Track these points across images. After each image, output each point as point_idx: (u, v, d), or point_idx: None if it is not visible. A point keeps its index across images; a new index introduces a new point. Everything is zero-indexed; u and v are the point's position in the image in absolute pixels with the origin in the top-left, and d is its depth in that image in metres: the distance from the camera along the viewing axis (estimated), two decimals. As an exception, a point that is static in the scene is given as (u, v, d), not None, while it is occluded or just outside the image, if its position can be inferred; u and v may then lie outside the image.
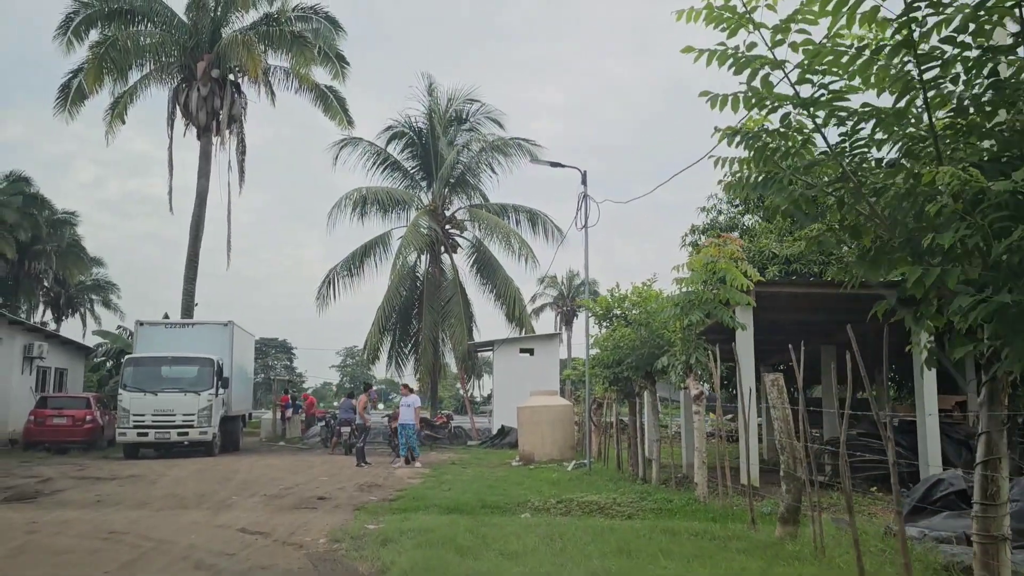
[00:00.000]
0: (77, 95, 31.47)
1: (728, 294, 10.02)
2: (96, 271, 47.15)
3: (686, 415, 15.78)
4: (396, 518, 9.03)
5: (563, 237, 30.89)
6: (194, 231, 30.95)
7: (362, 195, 31.00)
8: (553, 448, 18.99)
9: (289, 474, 15.81)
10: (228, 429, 23.62)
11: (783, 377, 7.72)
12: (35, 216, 38.34)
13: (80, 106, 31.74)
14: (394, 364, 32.80)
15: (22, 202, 37.40)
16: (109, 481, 14.07)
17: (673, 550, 6.90)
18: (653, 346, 12.26)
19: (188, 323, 24.86)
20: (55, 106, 31.52)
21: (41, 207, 39.65)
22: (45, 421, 23.02)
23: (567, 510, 9.62)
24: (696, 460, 10.42)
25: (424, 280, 31.99)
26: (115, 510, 10.37)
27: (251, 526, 8.97)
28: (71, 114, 31.68)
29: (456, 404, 54.70)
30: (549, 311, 70.52)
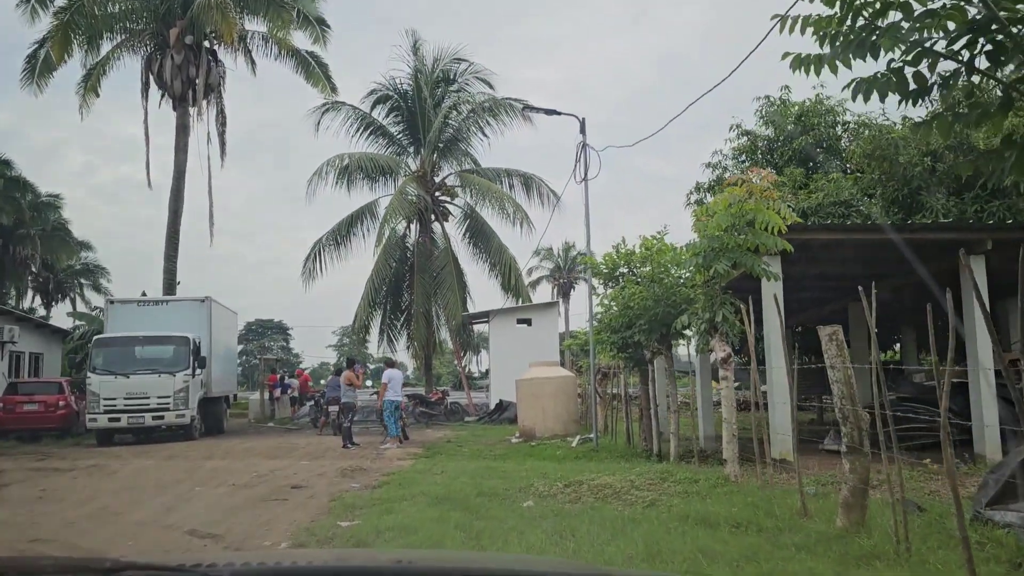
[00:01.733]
0: (44, 66, 29.81)
1: (759, 239, 8.55)
2: (85, 255, 45.87)
3: (702, 382, 14.39)
4: (376, 512, 7.62)
5: (558, 199, 29.41)
6: (173, 207, 29.39)
7: (345, 162, 29.33)
8: (556, 423, 17.61)
9: (267, 459, 14.41)
10: (210, 411, 22.20)
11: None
12: (18, 200, 36.93)
13: (48, 78, 30.09)
14: (386, 339, 31.35)
15: (3, 185, 35.96)
16: (66, 473, 12.66)
17: (715, 549, 5.49)
18: (669, 304, 10.82)
19: (162, 300, 23.28)
20: (22, 79, 29.86)
21: (24, 190, 38.17)
22: (15, 408, 21.64)
23: (577, 496, 8.21)
24: (725, 433, 9.01)
25: (414, 250, 30.43)
26: (54, 509, 8.95)
27: (204, 527, 7.56)
28: (39, 86, 30.01)
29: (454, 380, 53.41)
30: (546, 284, 68.97)
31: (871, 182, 18.14)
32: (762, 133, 22.14)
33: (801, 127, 21.26)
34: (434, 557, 1.81)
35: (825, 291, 15.33)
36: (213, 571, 1.11)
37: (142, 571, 1.10)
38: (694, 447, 12.65)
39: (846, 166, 20.54)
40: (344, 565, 1.30)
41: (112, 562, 1.11)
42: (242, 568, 1.18)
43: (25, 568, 1.16)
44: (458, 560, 1.76)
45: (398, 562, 1.36)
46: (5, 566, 1.13)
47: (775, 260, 10.05)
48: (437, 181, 30.92)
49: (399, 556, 1.47)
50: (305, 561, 1.36)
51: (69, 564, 1.16)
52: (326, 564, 1.30)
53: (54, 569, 1.12)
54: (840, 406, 6.03)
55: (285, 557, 1.55)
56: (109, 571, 1.10)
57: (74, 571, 1.12)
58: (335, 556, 1.70)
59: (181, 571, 1.12)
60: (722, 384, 9.18)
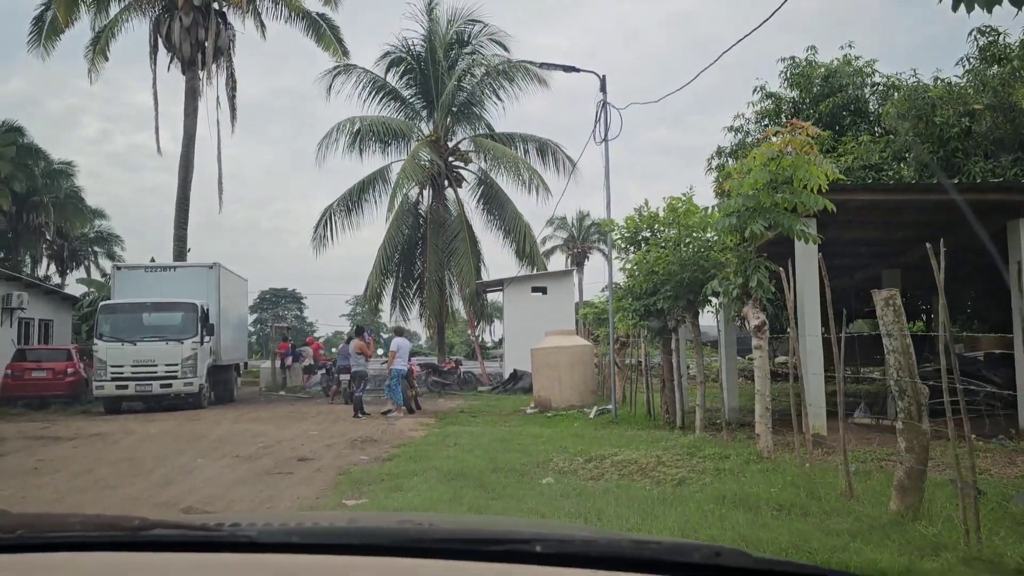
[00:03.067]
0: (52, 29, 29.35)
1: (799, 197, 7.88)
2: (99, 223, 45.62)
3: (727, 352, 13.77)
4: (384, 489, 7.11)
5: (574, 166, 28.63)
6: (183, 173, 28.93)
7: (356, 127, 28.64)
8: (572, 393, 17.09)
9: (275, 428, 13.98)
10: (220, 379, 21.86)
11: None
12: (31, 167, 36.59)
13: (55, 40, 29.65)
14: (398, 308, 30.86)
15: (16, 153, 35.58)
16: (67, 442, 12.27)
17: (759, 537, 4.93)
18: (697, 269, 10.19)
19: (170, 266, 22.81)
20: (29, 41, 29.37)
21: (36, 158, 37.83)
22: (23, 375, 21.36)
23: (600, 472, 7.66)
24: (758, 406, 8.42)
25: (427, 217, 29.82)
26: (47, 481, 8.52)
27: (201, 502, 7.08)
28: (46, 49, 29.54)
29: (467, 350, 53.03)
30: (560, 254, 68.18)
31: (903, 144, 17.36)
32: (787, 95, 21.30)
33: (828, 88, 20.41)
34: (462, 521, 1.87)
35: (857, 257, 14.63)
36: (239, 531, 1.11)
37: (169, 530, 1.11)
38: (719, 419, 12.11)
39: (875, 129, 19.74)
40: (363, 527, 1.28)
41: (140, 521, 1.13)
42: (267, 528, 1.17)
43: (54, 525, 1.18)
44: (483, 524, 1.78)
45: (420, 524, 1.35)
46: (34, 522, 1.21)
47: (811, 222, 9.39)
48: (451, 146, 30.22)
49: (425, 519, 1.52)
50: (328, 522, 1.40)
51: (98, 522, 1.16)
52: (349, 526, 1.30)
53: (83, 526, 1.11)
54: (897, 378, 5.42)
55: (310, 518, 1.61)
56: (137, 529, 1.09)
57: (102, 529, 1.11)
58: (358, 518, 1.73)
59: (207, 531, 1.12)
60: (755, 354, 8.57)
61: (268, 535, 1.09)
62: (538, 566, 0.98)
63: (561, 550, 1.05)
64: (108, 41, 29.49)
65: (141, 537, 1.07)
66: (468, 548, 1.03)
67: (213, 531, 1.11)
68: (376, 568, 0.95)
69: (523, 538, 1.10)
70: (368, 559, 0.98)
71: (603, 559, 1.02)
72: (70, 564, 0.98)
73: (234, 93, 31.09)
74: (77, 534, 1.09)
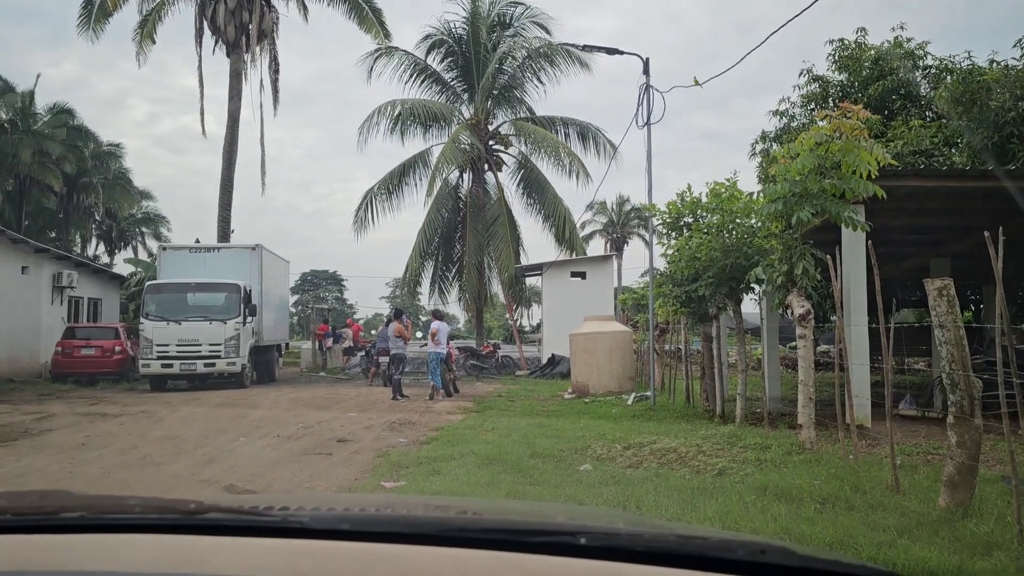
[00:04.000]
0: (100, 12, 29.88)
1: (848, 183, 7.68)
2: (146, 204, 46.61)
3: (769, 341, 13.56)
4: (422, 473, 7.12)
5: (615, 151, 28.34)
6: (227, 155, 29.33)
7: (397, 110, 28.67)
8: (610, 379, 17.00)
9: (315, 409, 14.14)
10: (262, 359, 22.19)
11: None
12: (80, 149, 37.46)
13: (104, 23, 30.18)
14: (437, 291, 30.97)
15: (67, 134, 36.42)
16: (114, 418, 12.54)
17: (802, 531, 4.83)
18: (740, 256, 10.01)
19: (213, 247, 23.13)
20: (79, 24, 29.93)
21: (86, 139, 38.71)
22: (73, 352, 21.91)
23: (638, 460, 7.59)
24: (801, 396, 8.27)
25: (467, 200, 29.80)
26: (94, 456, 8.71)
27: (243, 481, 7.18)
28: (95, 32, 30.08)
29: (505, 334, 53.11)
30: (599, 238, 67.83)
31: (956, 129, 16.87)
32: (834, 79, 20.81)
33: (878, 72, 19.89)
34: (507, 510, 1.86)
35: (904, 245, 14.28)
36: (291, 516, 1.11)
37: (223, 514, 1.12)
38: (758, 409, 11.95)
39: (926, 113, 19.21)
40: (411, 516, 1.29)
41: (196, 504, 1.14)
42: (319, 514, 1.18)
43: (114, 507, 1.18)
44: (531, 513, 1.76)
45: (464, 513, 1.34)
46: (95, 503, 1.20)
47: (860, 208, 9.17)
48: (491, 129, 30.12)
49: (470, 507, 1.54)
50: (375, 508, 1.41)
51: (155, 504, 1.17)
52: (398, 514, 1.29)
53: (141, 509, 1.13)
54: (949, 371, 5.26)
55: (358, 503, 1.52)
56: (193, 513, 1.10)
57: (159, 511, 1.13)
58: (405, 505, 1.72)
59: (260, 515, 1.12)
60: (799, 343, 8.40)
61: (320, 521, 1.11)
62: (583, 559, 0.98)
63: (606, 543, 1.04)
64: (155, 24, 29.91)
65: (196, 520, 1.09)
66: (514, 539, 1.03)
67: (265, 516, 1.12)
68: (424, 556, 0.96)
69: (568, 530, 1.10)
70: (416, 548, 0.98)
71: (648, 553, 1.00)
72: (129, 545, 1.00)
73: (277, 76, 31.39)
74: (136, 516, 1.12)
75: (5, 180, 35.12)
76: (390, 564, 0.91)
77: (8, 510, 1.14)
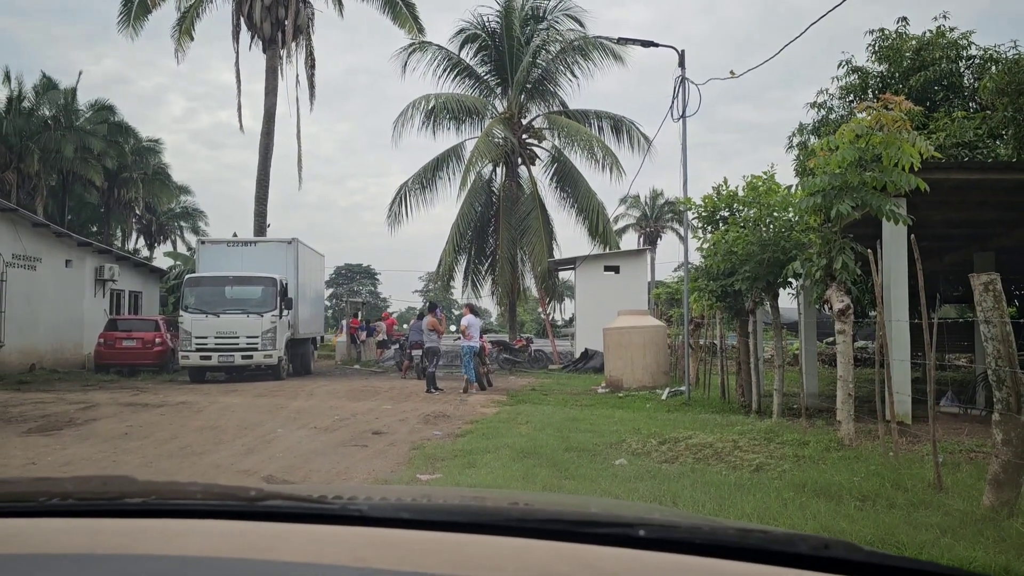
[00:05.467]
0: (140, 9, 30.35)
1: (890, 176, 7.55)
2: (184, 199, 47.39)
3: (807, 336, 13.40)
4: (457, 466, 7.16)
5: (650, 144, 28.16)
6: (263, 150, 29.69)
7: (431, 104, 28.75)
8: (644, 374, 16.93)
9: (351, 401, 14.28)
10: (298, 352, 22.46)
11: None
12: (121, 144, 38.19)
13: (144, 20, 30.67)
14: (470, 285, 31.08)
15: (107, 131, 37.13)
16: (155, 409, 12.78)
17: (842, 528, 4.77)
18: (778, 250, 9.89)
19: (251, 241, 23.46)
20: (119, 22, 30.44)
21: (126, 135, 39.44)
22: (115, 343, 22.38)
23: (674, 455, 7.55)
24: (840, 392, 8.15)
25: (500, 194, 29.82)
26: (137, 446, 8.88)
27: (280, 472, 7.27)
28: (135, 29, 30.57)
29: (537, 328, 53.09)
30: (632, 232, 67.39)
31: (1001, 121, 16.48)
32: (874, 70, 20.44)
33: (919, 62, 19.48)
34: (562, 502, 1.82)
35: (947, 239, 13.99)
36: (352, 504, 1.13)
37: (283, 501, 1.13)
38: (795, 404, 11.81)
39: (969, 104, 18.79)
40: (470, 505, 1.29)
41: (256, 491, 1.16)
42: (378, 503, 1.19)
43: (176, 492, 1.20)
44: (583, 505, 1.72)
45: (516, 503, 1.36)
46: (156, 489, 1.21)
47: (901, 202, 9.00)
48: (524, 123, 30.09)
49: (522, 498, 1.51)
50: (426, 498, 1.39)
51: (216, 491, 1.19)
52: (457, 504, 1.30)
53: (203, 495, 1.15)
54: (995, 367, 5.15)
55: (414, 494, 1.61)
56: (253, 500, 1.12)
57: (221, 498, 1.14)
58: (457, 495, 1.75)
59: (320, 503, 1.13)
60: (838, 338, 8.29)
61: (379, 509, 1.12)
62: (641, 551, 0.97)
63: (665, 535, 1.03)
64: (193, 21, 30.32)
65: (257, 507, 1.11)
66: (572, 530, 1.03)
67: (325, 504, 1.13)
68: (483, 546, 0.96)
69: (627, 522, 1.09)
70: (476, 537, 0.98)
71: (707, 546, 0.99)
72: (193, 531, 1.01)
73: (313, 71, 31.62)
74: (198, 502, 1.13)
75: (49, 175, 35.86)
76: (450, 553, 0.91)
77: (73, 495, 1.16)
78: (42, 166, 34.23)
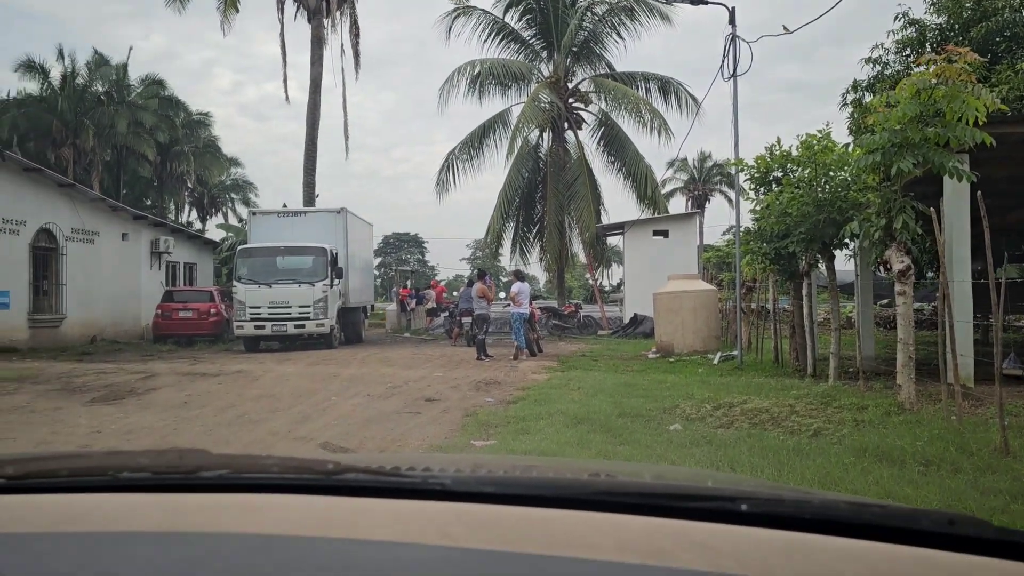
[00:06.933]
0: (187, -17, 30.49)
1: (953, 131, 7.26)
2: (234, 171, 48.13)
3: (863, 298, 13.10)
4: (511, 432, 7.18)
5: (699, 105, 27.61)
6: (310, 120, 29.88)
7: (476, 70, 28.54)
8: (695, 339, 16.76)
9: (402, 369, 14.42)
10: (349, 321, 22.73)
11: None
12: (171, 118, 38.85)
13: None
14: (518, 252, 31.04)
15: (158, 105, 37.78)
16: (212, 378, 13.07)
17: (906, 494, 4.67)
18: (834, 211, 9.63)
19: (300, 211, 23.70)
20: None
21: (176, 109, 40.08)
22: (172, 315, 22.95)
23: (729, 420, 7.47)
24: (900, 355, 7.95)
25: (547, 160, 29.62)
26: (196, 414, 9.10)
27: (336, 439, 7.38)
28: (182, 3, 30.75)
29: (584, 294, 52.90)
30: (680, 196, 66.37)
31: (1069, 72, 15.75)
32: (932, 22, 19.64)
33: (980, 12, 18.66)
34: (641, 472, 1.76)
35: (1010, 196, 13.48)
36: (433, 477, 1.09)
37: (362, 474, 1.10)
38: (850, 368, 11.59)
39: (1034, 55, 17.95)
40: (558, 479, 1.24)
41: (334, 464, 1.14)
42: (461, 476, 1.17)
43: (252, 467, 1.19)
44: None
45: (597, 475, 1.31)
46: (232, 463, 1.21)
47: (964, 158, 8.68)
48: (571, 87, 29.72)
49: (603, 468, 1.49)
50: (502, 470, 1.39)
51: (292, 464, 1.19)
52: (544, 477, 1.25)
53: (279, 469, 1.15)
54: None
55: (490, 465, 1.52)
56: (331, 473, 1.10)
57: (297, 471, 1.13)
58: (543, 467, 1.64)
59: (400, 476, 1.11)
60: (898, 300, 8.06)
61: (462, 483, 1.07)
62: (746, 527, 0.90)
63: (769, 510, 0.96)
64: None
65: (335, 481, 1.08)
66: (668, 504, 0.97)
67: (406, 477, 1.10)
68: (578, 523, 0.90)
69: (727, 496, 1.03)
70: (568, 513, 0.93)
71: (815, 522, 0.91)
72: (271, 506, 0.99)
73: (357, 40, 31.62)
74: (274, 476, 1.11)
75: (104, 151, 36.65)
76: (541, 530, 0.86)
77: (148, 468, 1.15)
78: (97, 141, 35.00)
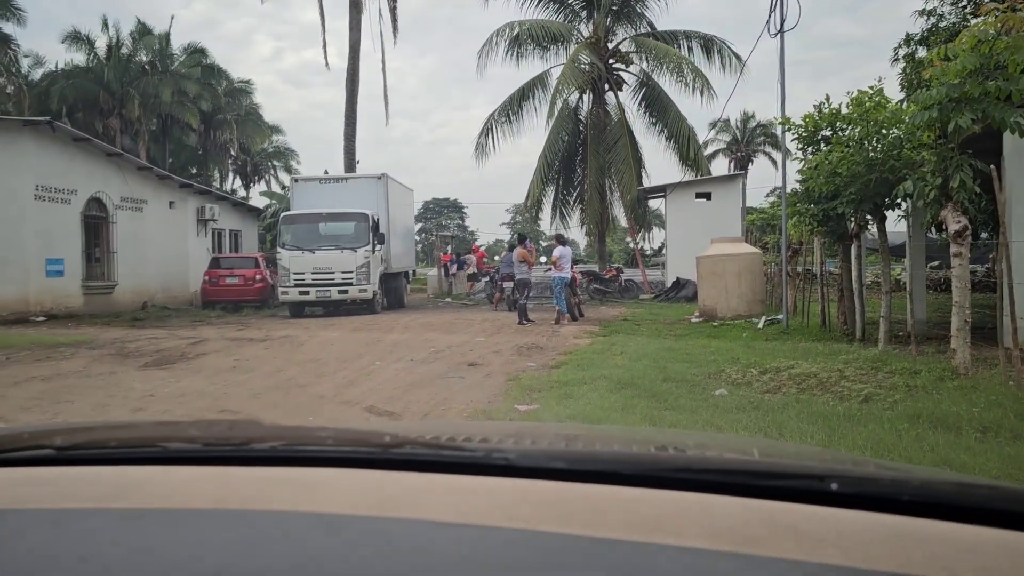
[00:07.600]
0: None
1: (1016, 85, 6.94)
2: (276, 138, 48.48)
3: (914, 260, 12.76)
4: (554, 396, 7.17)
5: (743, 64, 26.91)
6: (349, 86, 29.88)
7: (515, 31, 28.16)
8: (739, 303, 16.54)
9: (445, 334, 14.50)
10: (391, 286, 22.90)
11: None
12: (214, 86, 39.15)
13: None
14: (559, 216, 30.84)
15: (201, 73, 38.08)
16: (259, 343, 13.28)
17: (963, 461, 4.54)
18: (885, 170, 9.34)
19: (342, 178, 23.82)
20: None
21: (219, 77, 40.39)
22: (219, 281, 23.39)
23: (776, 385, 7.36)
24: (955, 319, 7.73)
25: (587, 123, 29.22)
26: (244, 379, 9.25)
27: (381, 403, 7.45)
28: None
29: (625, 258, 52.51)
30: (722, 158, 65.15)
31: None
32: (993, -31, 18.78)
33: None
34: (711, 445, 1.61)
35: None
36: (496, 451, 1.04)
37: (423, 448, 1.06)
38: (900, 332, 11.33)
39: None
40: (629, 454, 1.17)
41: (391, 436, 1.11)
42: (526, 450, 1.11)
43: (305, 438, 1.16)
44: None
45: (665, 450, 1.24)
46: (284, 434, 1.19)
47: None
48: (611, 47, 29.20)
49: (669, 440, 1.45)
50: (564, 442, 1.33)
51: (347, 436, 1.16)
52: (614, 452, 1.19)
53: (334, 441, 1.11)
54: None
55: (549, 436, 1.44)
56: (388, 446, 1.06)
57: (353, 444, 1.10)
58: (605, 439, 1.56)
59: (461, 449, 1.06)
60: (954, 261, 7.82)
61: (528, 458, 1.01)
62: (840, 509, 0.82)
63: (862, 490, 0.88)
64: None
65: (393, 455, 1.03)
66: (751, 483, 0.90)
67: (467, 451, 1.05)
68: (658, 503, 0.84)
69: (816, 474, 0.95)
70: (645, 492, 0.86)
71: (912, 503, 0.83)
72: (326, 481, 0.94)
73: (395, 4, 31.40)
74: (329, 448, 1.07)
75: (149, 120, 37.11)
76: (619, 511, 0.80)
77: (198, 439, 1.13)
78: (142, 111, 35.44)
